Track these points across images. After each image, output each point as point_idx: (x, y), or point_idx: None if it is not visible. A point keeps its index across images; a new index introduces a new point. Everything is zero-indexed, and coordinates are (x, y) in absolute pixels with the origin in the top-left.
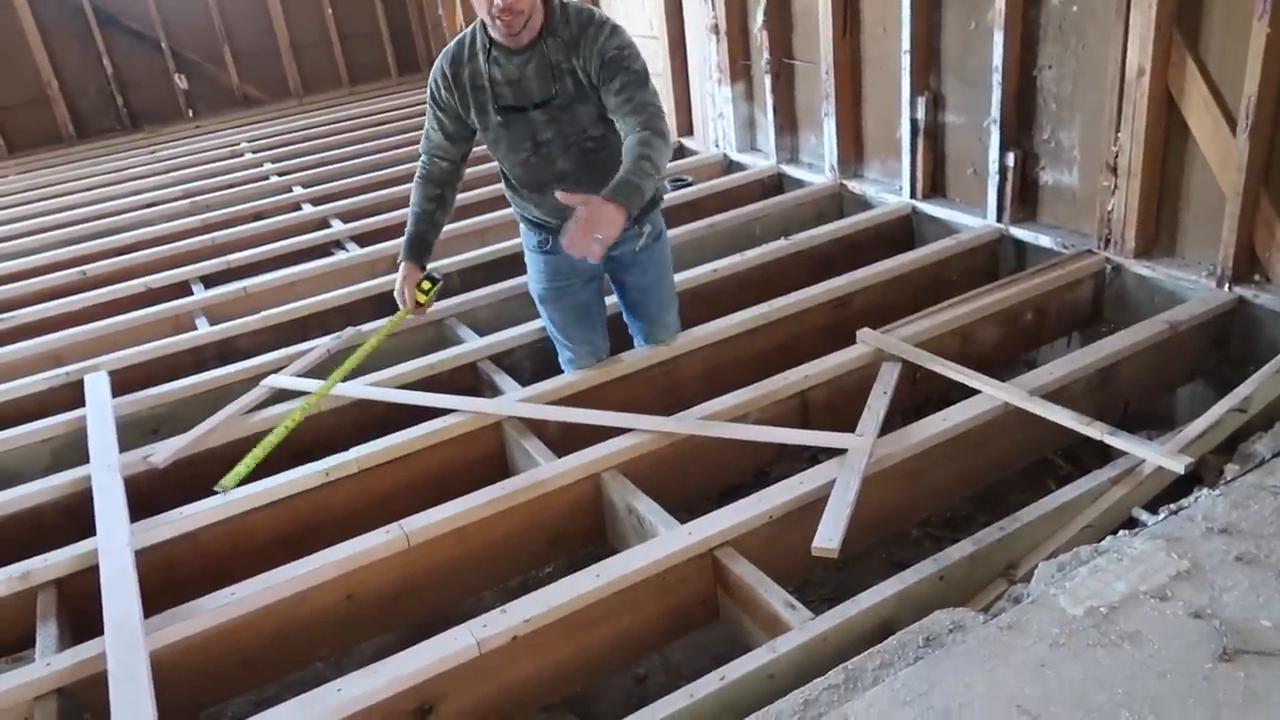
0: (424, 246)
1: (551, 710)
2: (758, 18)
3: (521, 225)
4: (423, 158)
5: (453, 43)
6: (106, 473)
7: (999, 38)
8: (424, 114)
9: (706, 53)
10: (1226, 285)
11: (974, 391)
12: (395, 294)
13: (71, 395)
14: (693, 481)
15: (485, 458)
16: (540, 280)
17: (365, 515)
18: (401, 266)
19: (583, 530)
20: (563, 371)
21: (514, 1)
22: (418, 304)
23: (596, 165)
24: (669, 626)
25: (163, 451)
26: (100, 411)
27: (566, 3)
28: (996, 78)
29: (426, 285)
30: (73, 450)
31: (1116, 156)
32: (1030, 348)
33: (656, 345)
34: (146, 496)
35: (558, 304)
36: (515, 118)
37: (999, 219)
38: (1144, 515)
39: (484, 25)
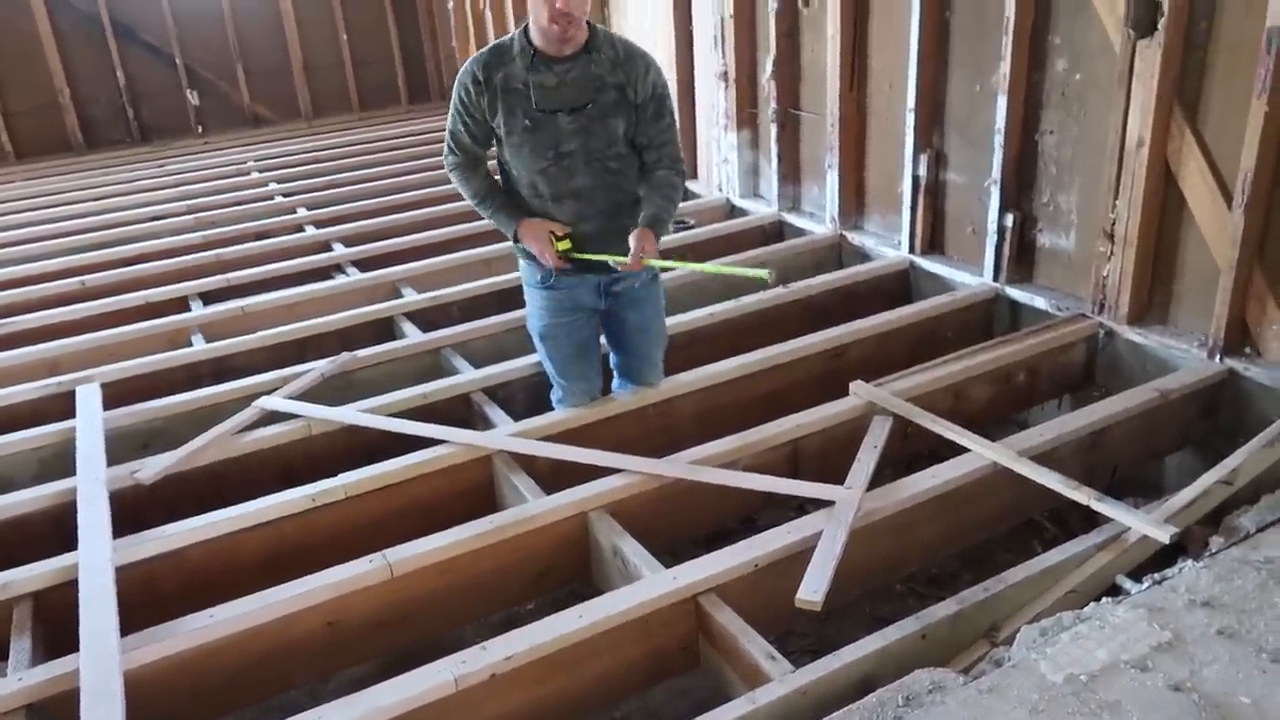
0: (517, 207)
1: None
2: (766, 67)
3: (522, 262)
4: (453, 156)
5: (487, 48)
6: (93, 485)
7: (1003, 100)
8: (435, 141)
9: (715, 99)
10: (1217, 356)
11: (964, 449)
12: (540, 242)
13: (63, 405)
14: (680, 525)
15: (474, 490)
16: (542, 316)
17: (351, 542)
18: (520, 231)
19: (568, 568)
20: (553, 408)
21: (573, 9)
22: (562, 254)
23: (612, 186)
24: (649, 671)
25: (151, 468)
26: (90, 423)
27: (608, 30)
28: (999, 139)
29: (559, 232)
30: (61, 461)
31: (1114, 223)
32: (1022, 408)
33: (644, 387)
34: (132, 512)
35: (558, 340)
36: (544, 122)
37: (995, 278)
38: (1128, 583)
39: (526, 33)
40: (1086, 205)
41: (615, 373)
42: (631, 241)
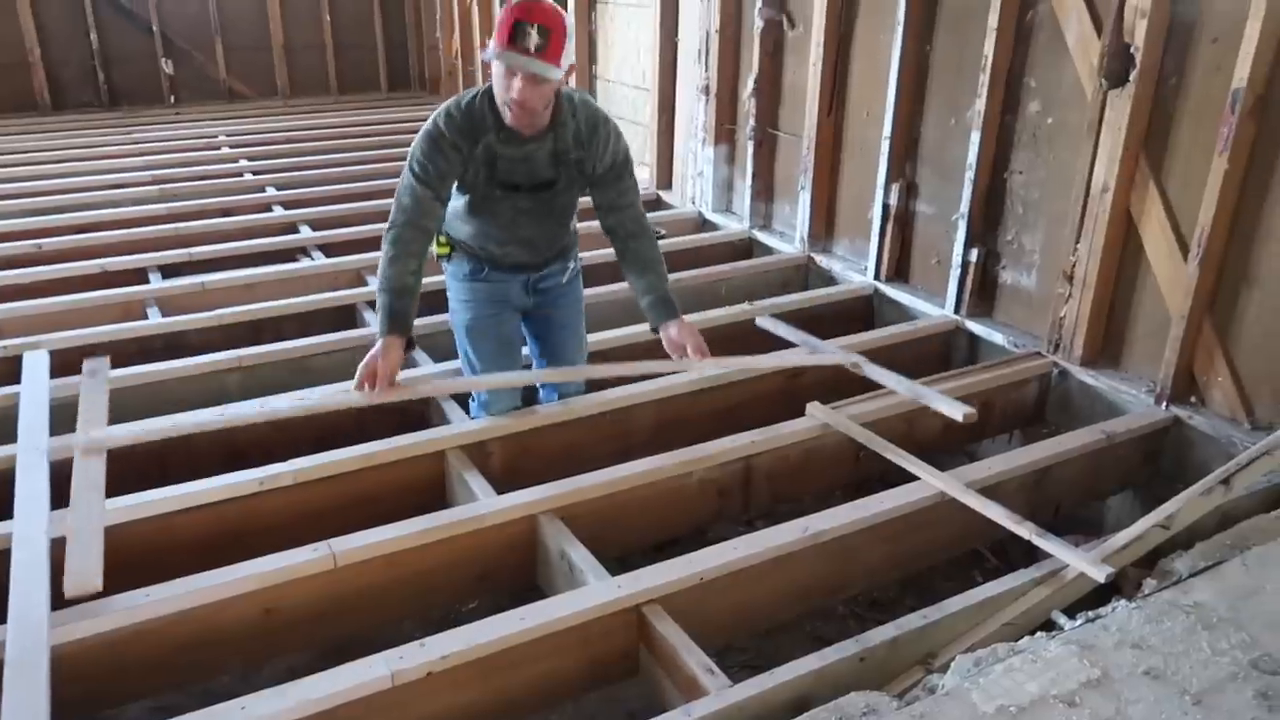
0: (408, 318)
1: None
2: (748, 85)
3: (452, 261)
4: (398, 229)
5: (459, 110)
6: (33, 455)
7: (975, 137)
8: (411, 131)
9: (694, 111)
10: (1164, 403)
11: (914, 477)
12: (362, 370)
13: (7, 370)
14: (630, 532)
15: (425, 485)
16: (468, 309)
17: (296, 530)
18: (381, 343)
19: (513, 569)
20: (471, 415)
21: (528, 100)
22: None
23: (558, 229)
24: (588, 677)
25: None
26: (35, 391)
27: (573, 95)
28: (969, 175)
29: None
30: (1, 427)
31: (1074, 266)
32: (973, 440)
33: (566, 400)
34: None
35: (485, 334)
36: (508, 193)
37: (957, 310)
38: (1062, 619)
39: (493, 103)
40: (1049, 246)
41: (540, 387)
42: (674, 336)
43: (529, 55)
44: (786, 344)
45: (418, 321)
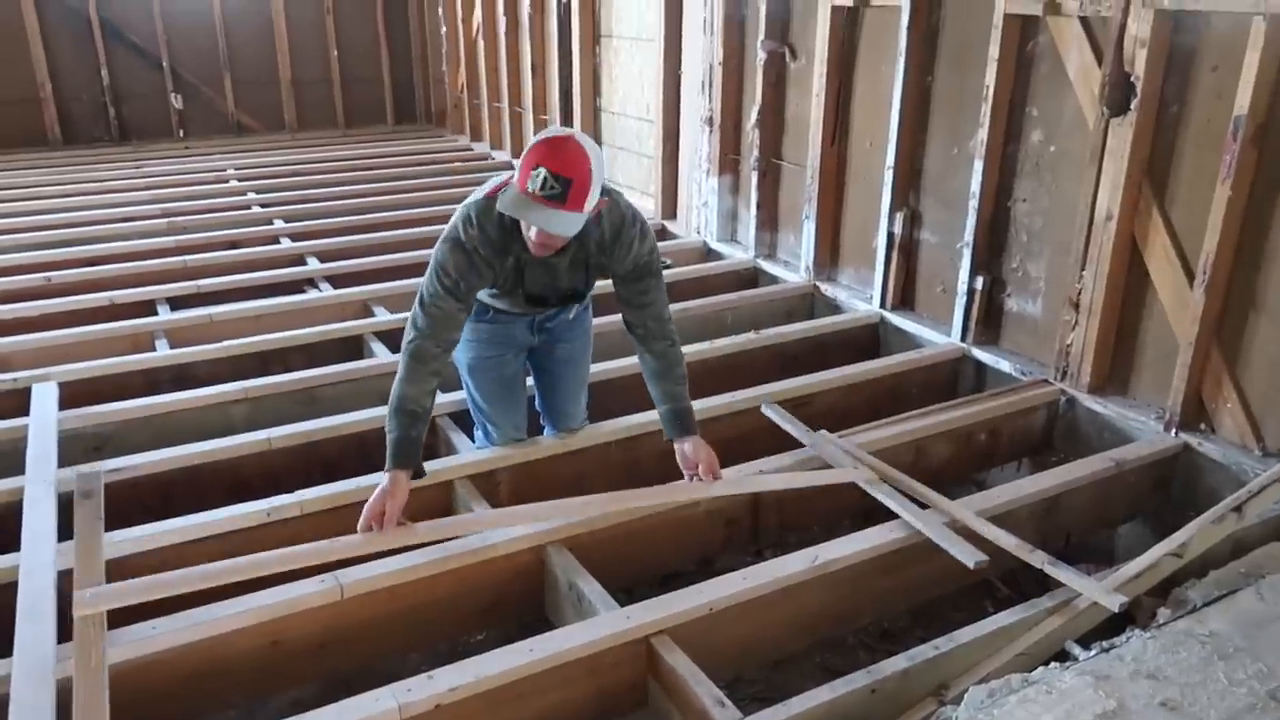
0: (418, 448)
1: None
2: (752, 115)
3: None
4: (419, 342)
5: (490, 223)
6: (41, 487)
7: (979, 166)
8: (417, 163)
9: (698, 142)
10: (1174, 430)
11: (923, 505)
12: (367, 512)
13: (16, 403)
14: (637, 563)
15: (432, 515)
16: (471, 348)
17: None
18: (388, 478)
19: (521, 598)
20: (476, 445)
21: (547, 242)
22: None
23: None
24: (596, 710)
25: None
26: (44, 423)
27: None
28: (973, 203)
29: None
30: (9, 459)
31: (1080, 293)
32: (981, 468)
33: (564, 435)
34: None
35: (487, 374)
36: (532, 298)
37: (963, 338)
38: (1076, 649)
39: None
40: (1054, 273)
41: (542, 419)
42: (689, 452)
43: (545, 205)
44: (788, 436)
45: None
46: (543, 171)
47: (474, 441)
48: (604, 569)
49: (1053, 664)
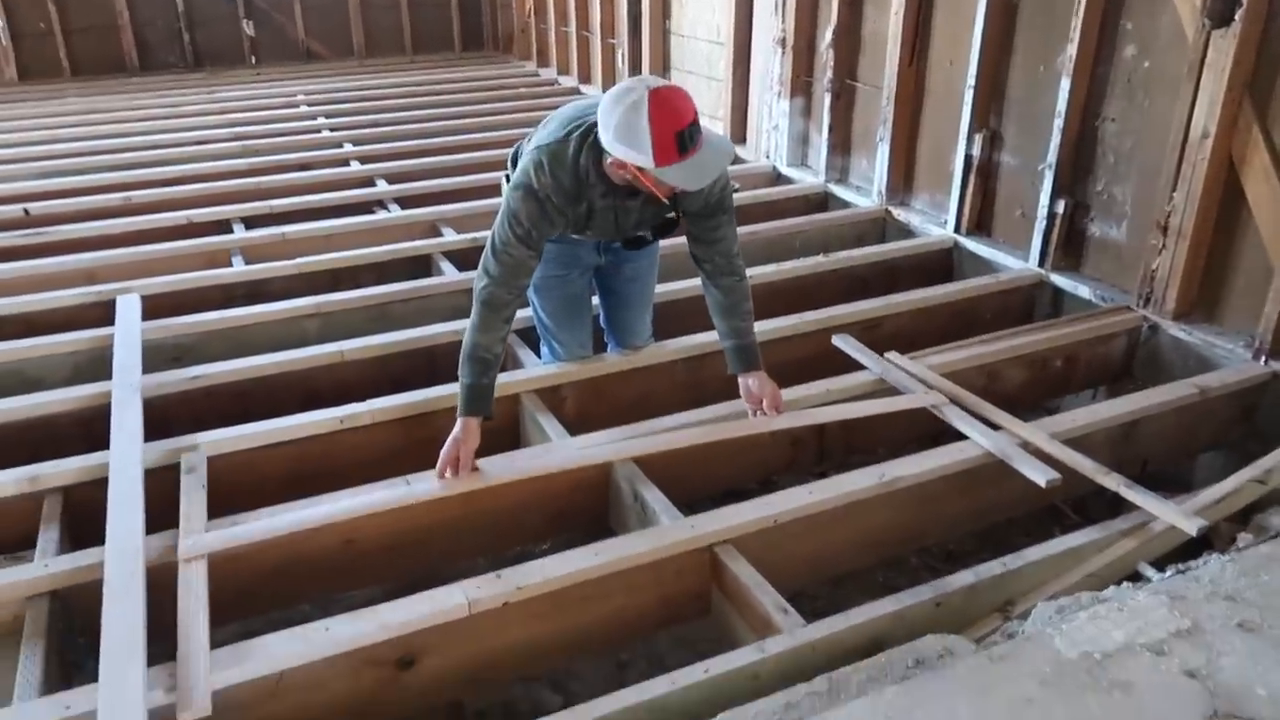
0: (490, 394)
1: (529, 683)
2: (826, 36)
3: None
4: (492, 288)
5: (564, 171)
6: (127, 390)
7: (1066, 84)
8: (484, 88)
9: (770, 64)
10: (1263, 359)
11: (995, 427)
12: (443, 459)
13: (101, 314)
14: (701, 480)
15: (500, 428)
16: (539, 268)
17: (374, 467)
18: (460, 424)
19: (586, 510)
20: (542, 360)
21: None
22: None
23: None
24: (660, 615)
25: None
26: (128, 332)
27: None
28: (1058, 123)
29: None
30: (96, 366)
31: (1168, 216)
32: (1055, 396)
33: (629, 353)
34: (160, 420)
35: (552, 293)
36: (600, 234)
37: (1041, 264)
38: (1150, 571)
39: (597, 162)
40: (1142, 196)
41: (606, 335)
42: (753, 387)
43: (700, 154)
44: (860, 366)
45: None
46: (683, 131)
47: (540, 357)
48: (667, 484)
49: (1125, 584)
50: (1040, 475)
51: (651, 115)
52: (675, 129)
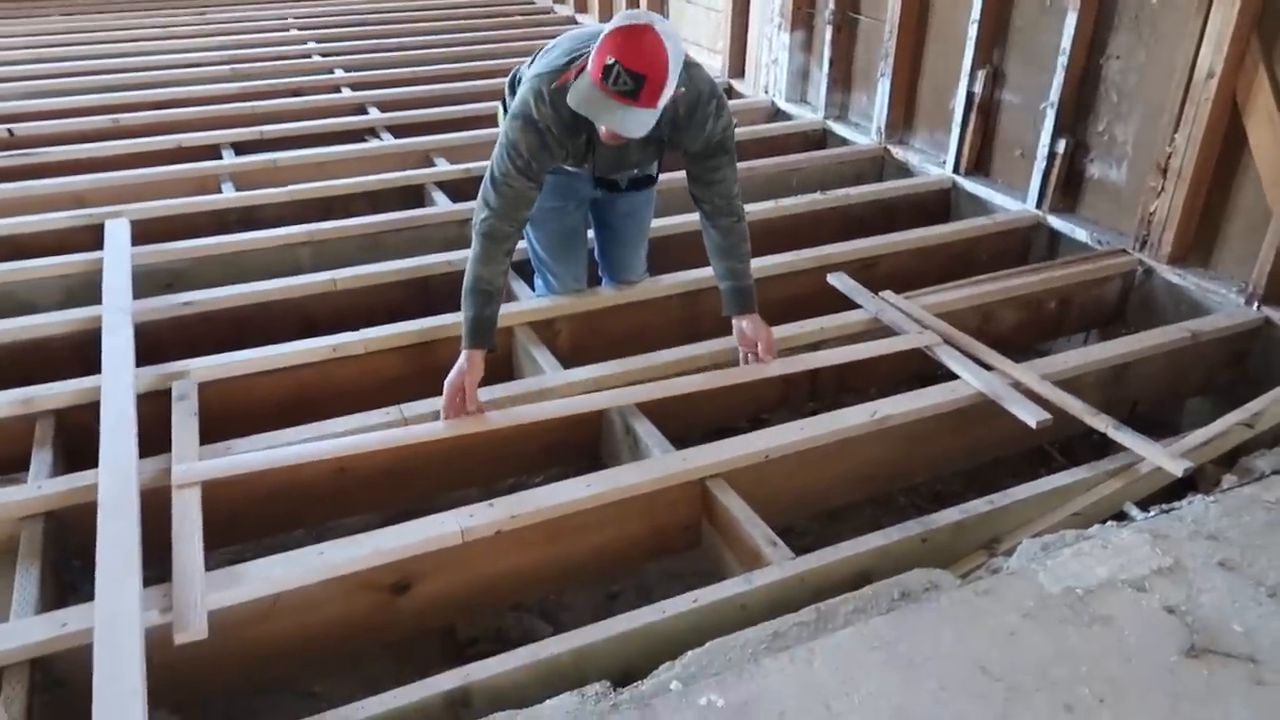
0: (493, 326)
1: (522, 611)
2: None
3: None
4: (492, 220)
5: (562, 99)
6: (118, 315)
7: (1071, 19)
8: (481, 14)
9: None
10: (1256, 304)
11: (987, 368)
12: (448, 390)
13: (90, 238)
14: (691, 415)
15: (493, 359)
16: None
17: (367, 396)
18: (464, 356)
19: (578, 444)
20: (536, 293)
21: (619, 137)
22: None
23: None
24: (650, 547)
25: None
26: (118, 256)
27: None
28: (1062, 60)
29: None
30: (86, 290)
31: (1169, 158)
32: (1048, 338)
33: (624, 287)
34: (153, 345)
35: (548, 225)
36: (601, 181)
37: (1039, 205)
38: (1134, 510)
39: None
40: (1143, 137)
41: (600, 269)
42: (747, 330)
43: (617, 101)
44: (854, 305)
45: None
46: (616, 66)
47: (534, 290)
48: (659, 419)
49: (1109, 522)
50: (1030, 415)
51: (607, 36)
52: (614, 57)
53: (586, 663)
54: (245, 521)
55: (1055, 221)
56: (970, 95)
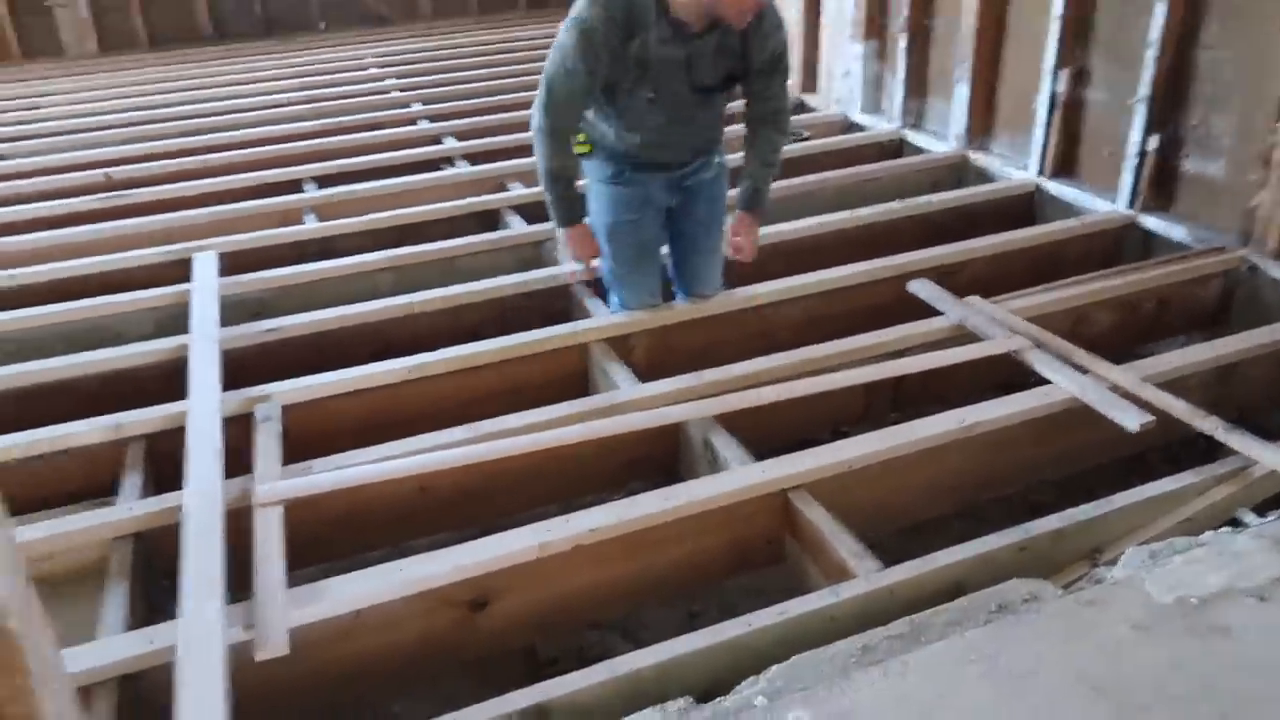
0: (580, 202)
1: (601, 630)
2: None
3: (592, 160)
4: (547, 127)
5: (616, 5)
6: (204, 343)
7: (1160, 10)
8: (546, 49)
9: (843, 7)
10: None
11: (1082, 372)
12: (582, 255)
13: (179, 272)
14: (772, 428)
15: (568, 376)
16: (610, 213)
17: (444, 418)
18: (568, 232)
19: (656, 459)
20: (610, 310)
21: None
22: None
23: (705, 124)
24: (731, 561)
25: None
26: (206, 288)
27: None
28: (1151, 53)
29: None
30: (175, 321)
31: (1272, 149)
32: (1144, 341)
33: (698, 301)
34: (238, 371)
35: (624, 239)
36: (667, 97)
37: (1130, 205)
38: (1249, 517)
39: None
40: (1243, 129)
41: (675, 284)
42: (737, 224)
43: None
44: (936, 312)
45: None
46: None
47: (609, 308)
48: (738, 432)
49: (1223, 529)
50: (1131, 419)
51: None
52: None
53: (669, 678)
54: (326, 542)
55: (1149, 221)
56: (1054, 95)
